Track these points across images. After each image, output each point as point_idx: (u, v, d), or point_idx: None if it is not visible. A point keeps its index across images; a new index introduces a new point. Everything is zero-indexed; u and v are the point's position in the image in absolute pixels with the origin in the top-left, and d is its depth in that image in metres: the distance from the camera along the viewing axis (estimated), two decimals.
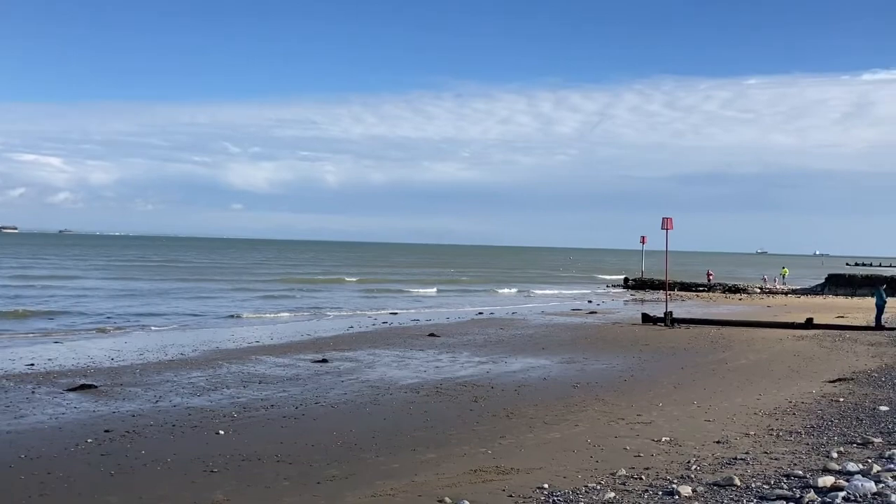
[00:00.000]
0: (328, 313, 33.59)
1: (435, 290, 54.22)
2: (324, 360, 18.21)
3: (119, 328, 25.72)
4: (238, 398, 13.66)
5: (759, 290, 57.72)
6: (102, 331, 24.83)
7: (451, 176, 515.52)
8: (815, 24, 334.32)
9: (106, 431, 10.84)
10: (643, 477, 8.43)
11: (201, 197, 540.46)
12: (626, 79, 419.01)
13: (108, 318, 28.86)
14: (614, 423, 11.68)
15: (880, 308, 28.01)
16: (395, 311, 34.75)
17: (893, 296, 29.50)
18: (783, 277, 67.51)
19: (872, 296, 30.81)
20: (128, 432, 10.84)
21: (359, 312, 34.18)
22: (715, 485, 7.83)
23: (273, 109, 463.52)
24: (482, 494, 8.07)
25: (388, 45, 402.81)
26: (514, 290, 56.34)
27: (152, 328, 25.96)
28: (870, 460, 8.41)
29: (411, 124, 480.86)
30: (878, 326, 27.14)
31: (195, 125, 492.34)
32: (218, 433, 10.95)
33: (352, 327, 26.88)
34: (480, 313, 34.16)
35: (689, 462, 9.06)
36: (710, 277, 63.91)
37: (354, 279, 64.24)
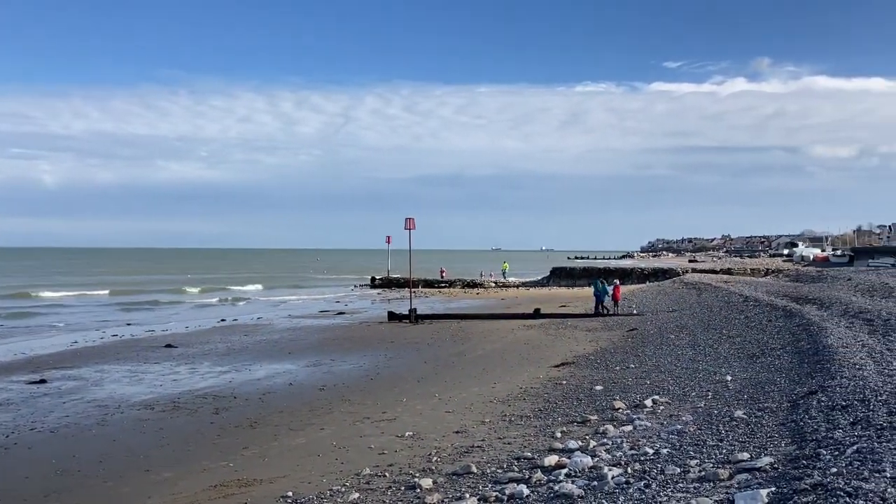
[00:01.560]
0: (47, 328, 30.34)
1: (172, 297, 51.27)
2: (42, 381, 16.43)
3: None
4: None
5: (493, 284, 61.60)
6: None
7: (190, 175, 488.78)
8: (536, 38, 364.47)
9: None
10: (387, 474, 8.56)
11: None
12: (366, 82, 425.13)
13: None
14: (360, 423, 11.77)
15: (597, 297, 31.18)
16: (129, 322, 32.30)
17: (609, 284, 32.81)
18: (503, 272, 71.84)
19: (590, 286, 34.15)
20: None
21: (85, 325, 31.27)
22: (454, 474, 8.16)
23: None
24: None
25: (111, 35, 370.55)
26: (260, 295, 54.95)
27: None
28: (587, 437, 9.25)
29: (143, 120, 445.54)
30: (596, 313, 30.21)
31: None
32: None
33: (76, 342, 24.50)
34: (223, 320, 32.82)
35: (430, 454, 9.36)
36: (444, 274, 67.01)
37: (103, 291, 58.42)
